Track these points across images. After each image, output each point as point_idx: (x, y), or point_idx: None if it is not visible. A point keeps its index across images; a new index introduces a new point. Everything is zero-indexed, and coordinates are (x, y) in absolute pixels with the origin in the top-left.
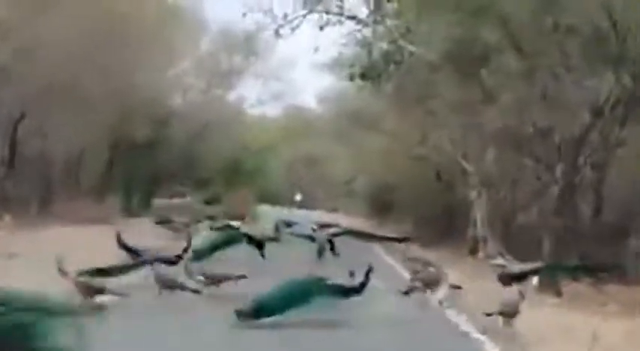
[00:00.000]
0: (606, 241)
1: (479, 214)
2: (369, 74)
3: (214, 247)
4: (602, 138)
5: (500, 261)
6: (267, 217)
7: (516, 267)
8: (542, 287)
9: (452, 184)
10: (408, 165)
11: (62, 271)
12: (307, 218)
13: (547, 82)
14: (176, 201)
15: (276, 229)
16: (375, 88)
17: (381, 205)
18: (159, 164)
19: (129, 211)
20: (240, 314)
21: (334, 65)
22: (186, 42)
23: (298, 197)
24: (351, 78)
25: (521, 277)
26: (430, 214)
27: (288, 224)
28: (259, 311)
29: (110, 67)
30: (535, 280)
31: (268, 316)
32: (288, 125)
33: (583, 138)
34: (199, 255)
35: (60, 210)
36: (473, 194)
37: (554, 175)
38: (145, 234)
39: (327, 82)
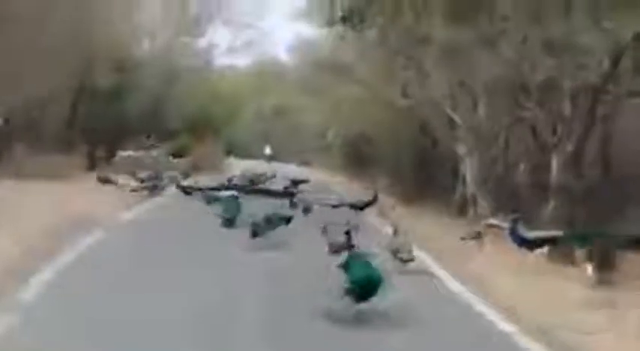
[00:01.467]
0: (617, 202)
1: (469, 171)
2: (350, 18)
3: None
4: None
5: (494, 221)
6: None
7: (531, 234)
8: (553, 256)
9: (437, 139)
10: (386, 117)
11: None
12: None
13: (555, 23)
14: (141, 153)
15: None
16: (356, 34)
17: (356, 158)
18: (124, 114)
19: (93, 165)
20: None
21: (310, 11)
22: None
23: (268, 150)
24: (330, 23)
25: (536, 244)
26: (410, 169)
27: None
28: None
29: (73, 12)
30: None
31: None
32: (258, 75)
33: (601, 86)
34: None
35: (17, 164)
36: (462, 150)
37: (562, 128)
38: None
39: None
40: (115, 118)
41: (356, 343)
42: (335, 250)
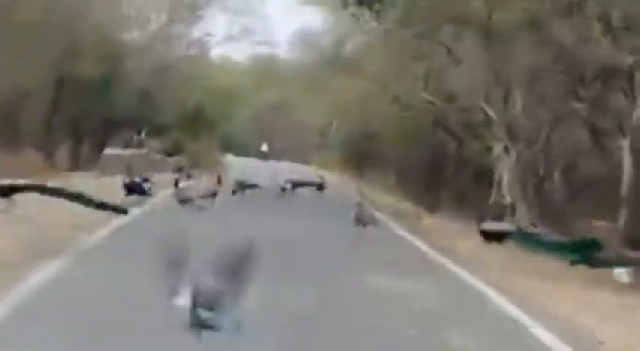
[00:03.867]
0: None
1: (506, 174)
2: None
3: None
4: None
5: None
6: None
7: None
8: None
9: (463, 137)
10: (395, 113)
11: None
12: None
13: None
14: (131, 151)
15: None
16: (372, 17)
17: (359, 157)
18: (111, 108)
19: (77, 164)
20: None
21: None
22: None
23: (264, 148)
24: (345, 4)
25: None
26: (422, 171)
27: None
28: None
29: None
30: None
31: None
32: (257, 67)
33: None
34: None
35: None
36: (497, 150)
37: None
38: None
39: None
40: (102, 113)
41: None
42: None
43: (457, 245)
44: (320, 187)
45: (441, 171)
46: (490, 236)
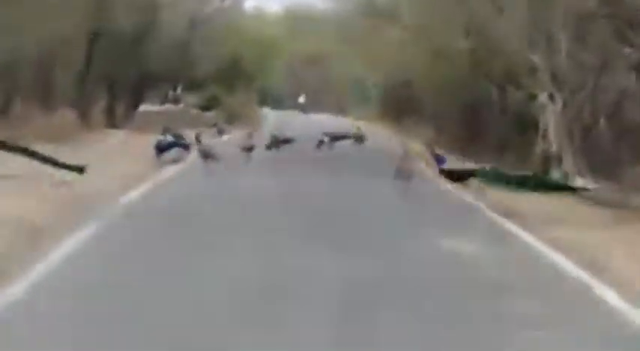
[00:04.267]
0: None
1: (551, 122)
2: None
3: None
4: None
5: (579, 182)
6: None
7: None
8: None
9: (506, 85)
10: (433, 62)
11: None
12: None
13: None
14: (167, 107)
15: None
16: None
17: (397, 108)
18: (146, 63)
19: (112, 122)
20: None
21: None
22: None
23: (302, 99)
24: None
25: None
26: (462, 121)
27: (285, 141)
28: None
29: None
30: None
31: None
32: (291, 18)
33: None
34: None
35: (21, 123)
36: (542, 97)
37: None
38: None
39: None
40: (137, 68)
41: None
42: None
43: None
44: (359, 138)
45: (481, 120)
46: (453, 176)
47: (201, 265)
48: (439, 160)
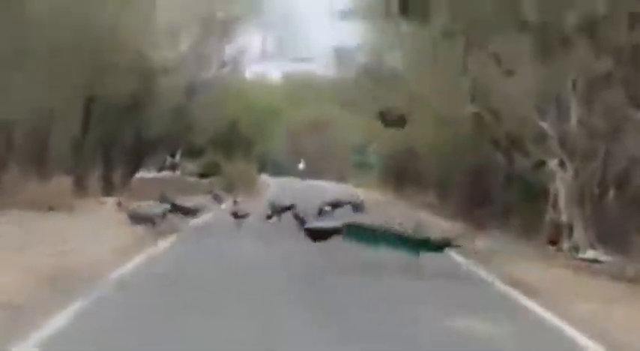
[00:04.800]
0: None
1: (562, 191)
2: (412, 8)
3: None
4: None
5: (591, 254)
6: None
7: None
8: None
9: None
10: (435, 129)
11: None
12: (314, 194)
13: None
14: (164, 174)
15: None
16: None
17: (398, 175)
18: (144, 129)
19: (109, 189)
20: None
21: (357, 6)
22: None
23: (302, 165)
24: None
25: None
26: (466, 188)
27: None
28: None
29: (80, 9)
30: None
31: None
32: (292, 85)
33: None
34: None
35: (15, 190)
36: (551, 164)
37: None
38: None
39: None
40: (134, 134)
41: None
42: None
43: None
44: (356, 207)
45: (486, 187)
46: (315, 235)
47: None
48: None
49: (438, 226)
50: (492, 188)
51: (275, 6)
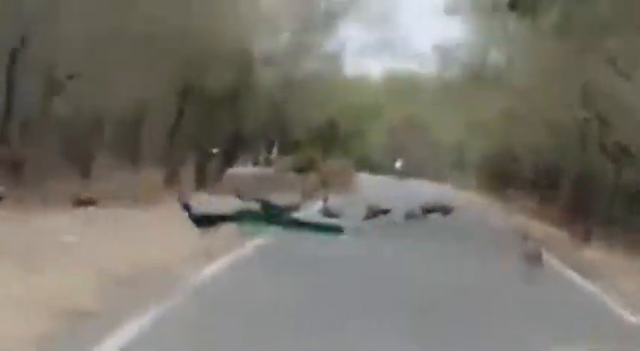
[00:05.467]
0: None
1: None
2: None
3: None
4: None
5: None
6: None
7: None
8: None
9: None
10: (541, 132)
11: None
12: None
13: None
14: (258, 169)
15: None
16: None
17: (497, 177)
18: (240, 123)
19: (202, 183)
20: None
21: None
22: None
23: (398, 164)
24: (495, 9)
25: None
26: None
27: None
28: None
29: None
30: None
31: None
32: (392, 83)
33: None
34: None
35: (104, 181)
36: None
37: None
38: None
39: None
40: (230, 127)
41: None
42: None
43: None
44: (446, 211)
45: (592, 196)
46: (202, 222)
47: None
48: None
49: (541, 231)
50: (598, 198)
51: (378, 1)
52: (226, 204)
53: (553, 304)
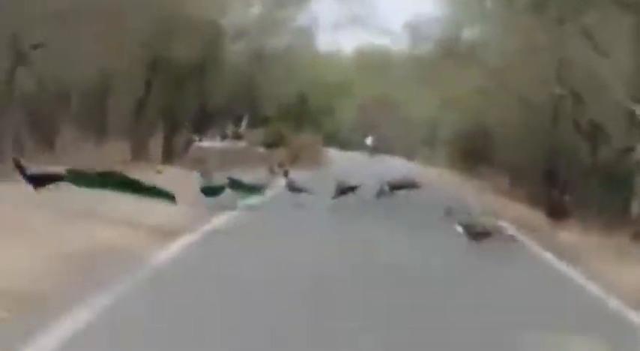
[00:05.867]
0: None
1: None
2: None
3: None
4: None
5: None
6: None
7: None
8: None
9: (598, 137)
10: (514, 109)
11: None
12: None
13: None
14: (227, 144)
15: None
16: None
17: (469, 154)
18: (209, 96)
19: (169, 157)
20: None
21: None
22: None
23: (369, 141)
24: None
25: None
26: (541, 173)
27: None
28: None
29: None
30: None
31: None
32: (364, 59)
33: None
34: None
35: (68, 155)
36: None
37: None
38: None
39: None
40: (198, 100)
41: None
42: None
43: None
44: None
45: (565, 175)
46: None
47: None
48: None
49: (514, 211)
50: (572, 176)
51: None
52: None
53: (525, 286)
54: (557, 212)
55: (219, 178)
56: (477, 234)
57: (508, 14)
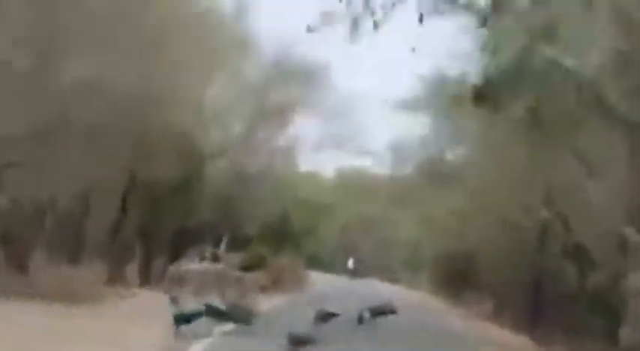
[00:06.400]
0: None
1: None
2: (490, 93)
3: None
4: None
5: None
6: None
7: None
8: None
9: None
10: (498, 232)
11: None
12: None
13: None
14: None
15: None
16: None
17: (453, 278)
18: (188, 216)
19: (147, 279)
20: None
21: (421, 96)
22: (228, 63)
23: (351, 264)
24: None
25: None
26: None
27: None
28: None
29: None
30: None
31: None
32: (346, 179)
33: None
34: None
35: (41, 278)
36: (634, 280)
37: None
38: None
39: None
40: (177, 221)
41: None
42: None
43: None
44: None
45: (552, 301)
46: None
47: None
48: None
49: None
50: (559, 302)
51: (332, 94)
52: None
53: None
54: (543, 340)
55: (194, 303)
56: None
57: (494, 134)
